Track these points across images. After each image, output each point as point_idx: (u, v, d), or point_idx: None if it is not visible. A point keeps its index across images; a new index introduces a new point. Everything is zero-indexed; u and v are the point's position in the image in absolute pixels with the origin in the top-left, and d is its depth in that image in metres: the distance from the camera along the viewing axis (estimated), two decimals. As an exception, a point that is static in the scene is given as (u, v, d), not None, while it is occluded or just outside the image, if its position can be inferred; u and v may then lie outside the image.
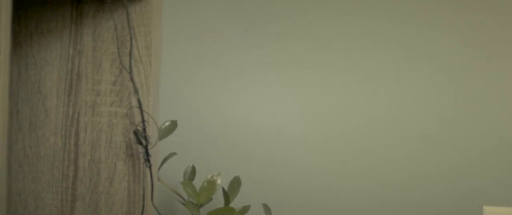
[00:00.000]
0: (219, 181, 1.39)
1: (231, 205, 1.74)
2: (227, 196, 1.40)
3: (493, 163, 1.84)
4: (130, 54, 1.24)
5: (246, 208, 1.43)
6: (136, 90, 1.34)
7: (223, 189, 1.39)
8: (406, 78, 1.87)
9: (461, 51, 1.86)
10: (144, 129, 1.32)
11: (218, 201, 1.74)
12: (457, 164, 1.86)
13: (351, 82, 1.87)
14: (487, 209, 1.86)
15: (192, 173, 1.45)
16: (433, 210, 1.86)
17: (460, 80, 1.87)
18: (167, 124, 1.39)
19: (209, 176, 1.39)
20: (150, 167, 1.33)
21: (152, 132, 1.39)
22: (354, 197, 1.87)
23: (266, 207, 1.51)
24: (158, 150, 1.50)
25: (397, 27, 1.88)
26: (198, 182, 1.72)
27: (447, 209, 1.86)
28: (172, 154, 1.40)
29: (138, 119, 1.39)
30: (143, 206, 1.36)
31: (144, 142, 1.32)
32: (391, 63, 1.86)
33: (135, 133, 1.32)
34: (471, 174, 1.86)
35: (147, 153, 1.32)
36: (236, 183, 1.45)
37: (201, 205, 1.36)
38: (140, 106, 1.30)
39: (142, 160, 1.38)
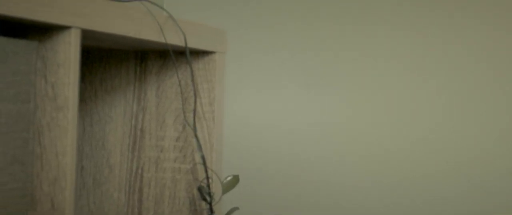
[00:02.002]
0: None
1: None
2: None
3: None
4: (194, 110, 1.24)
5: None
6: (199, 147, 1.34)
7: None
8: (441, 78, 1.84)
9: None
10: (208, 185, 1.31)
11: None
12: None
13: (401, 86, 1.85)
14: None
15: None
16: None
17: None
18: (229, 178, 1.39)
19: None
20: (213, 223, 1.32)
21: (215, 188, 1.39)
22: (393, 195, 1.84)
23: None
24: (220, 204, 1.49)
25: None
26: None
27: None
28: (234, 209, 1.39)
29: (201, 174, 1.38)
30: (206, 263, 1.34)
31: (208, 198, 1.31)
32: (429, 62, 1.83)
33: (199, 189, 1.32)
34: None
35: (211, 210, 1.31)
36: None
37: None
38: (204, 162, 1.30)
39: (205, 216, 1.37)
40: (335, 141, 1.96)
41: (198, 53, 1.38)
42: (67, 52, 0.86)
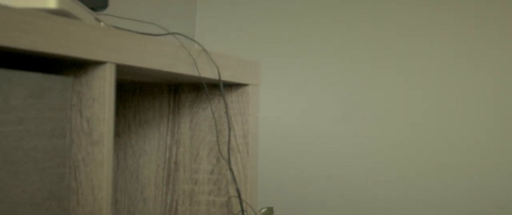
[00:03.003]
0: None
1: None
2: None
3: None
4: (228, 143, 1.24)
5: None
6: (234, 179, 1.34)
7: None
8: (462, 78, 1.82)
9: None
10: (242, 218, 1.30)
11: None
12: None
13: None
14: None
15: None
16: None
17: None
18: (264, 210, 1.38)
19: None
20: (248, 257, 1.30)
21: (250, 221, 1.38)
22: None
23: None
24: (255, 239, 1.47)
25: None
26: None
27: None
28: (270, 243, 1.38)
29: (236, 207, 1.38)
30: None
31: (242, 231, 1.30)
32: (451, 65, 1.81)
33: (234, 222, 1.31)
34: None
35: (245, 243, 1.30)
36: None
37: None
38: (238, 195, 1.29)
39: (240, 250, 1.36)
40: (372, 172, 1.94)
41: (231, 86, 1.38)
42: (102, 87, 0.86)
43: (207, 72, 1.16)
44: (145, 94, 1.46)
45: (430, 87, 1.90)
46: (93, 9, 1.16)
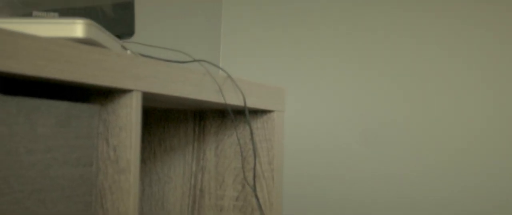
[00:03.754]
0: None
1: None
2: None
3: None
4: (254, 169, 1.23)
5: None
6: (259, 206, 1.33)
7: None
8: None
9: None
10: (268, 246, 1.29)
11: None
12: None
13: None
14: None
15: None
16: None
17: None
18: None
19: None
20: None
21: (276, 248, 1.37)
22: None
23: None
24: None
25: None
26: None
27: None
28: None
29: (261, 235, 1.37)
30: None
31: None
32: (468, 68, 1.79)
33: (259, 249, 1.30)
34: None
35: None
36: None
37: None
38: (264, 222, 1.28)
39: None
40: (398, 194, 1.92)
41: (257, 112, 1.38)
42: (129, 115, 0.86)
43: (232, 99, 1.16)
44: (170, 121, 1.46)
45: (451, 108, 1.88)
46: (120, 36, 1.17)
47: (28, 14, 1.08)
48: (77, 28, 0.80)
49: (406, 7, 1.95)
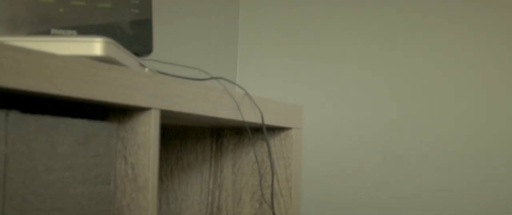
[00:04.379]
0: None
1: None
2: None
3: None
4: (272, 187, 1.23)
5: None
6: (277, 224, 1.32)
7: None
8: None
9: None
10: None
11: None
12: None
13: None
14: None
15: None
16: None
17: None
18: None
19: None
20: None
21: None
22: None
23: None
24: None
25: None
26: None
27: None
28: None
29: (279, 253, 1.36)
30: None
31: None
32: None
33: None
34: None
35: None
36: None
37: None
38: (282, 240, 1.28)
39: None
40: (414, 215, 1.91)
41: (274, 129, 1.37)
42: (147, 133, 0.86)
43: (250, 116, 1.16)
44: (188, 138, 1.46)
45: (475, 128, 1.87)
46: (137, 54, 1.17)
47: (47, 32, 1.08)
48: (96, 46, 0.80)
49: (432, 24, 1.94)
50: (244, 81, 2.10)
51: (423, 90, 1.93)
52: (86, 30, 1.11)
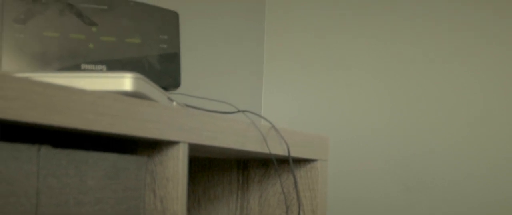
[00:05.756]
0: None
1: None
2: None
3: None
4: (298, 219, 1.23)
5: None
6: (304, 256, 1.32)
7: None
8: None
9: None
10: None
11: None
12: None
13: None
14: None
15: None
16: None
17: None
18: None
19: None
20: None
21: None
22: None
23: None
24: None
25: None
26: None
27: None
28: None
29: None
30: None
31: None
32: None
33: None
34: None
35: None
36: None
37: None
38: None
39: None
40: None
41: (300, 161, 1.38)
42: (175, 167, 0.87)
43: (276, 149, 1.17)
44: (214, 170, 1.47)
45: (506, 155, 1.86)
46: (165, 88, 1.18)
47: (77, 66, 1.10)
48: (126, 82, 0.81)
49: (456, 62, 1.94)
50: (269, 112, 2.11)
51: (444, 121, 1.93)
52: (115, 64, 1.13)
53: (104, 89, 0.82)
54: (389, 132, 1.99)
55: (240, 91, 2.04)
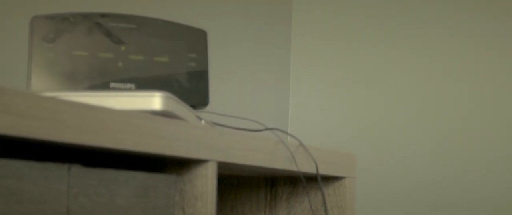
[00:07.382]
0: None
1: None
2: None
3: None
4: (327, 237, 1.22)
5: None
6: None
7: None
8: None
9: None
10: None
11: None
12: None
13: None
14: None
15: None
16: None
17: None
18: None
19: None
20: None
21: None
22: None
23: None
24: None
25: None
26: None
27: None
28: None
29: None
30: None
31: None
32: None
33: None
34: None
35: None
36: None
37: None
38: None
39: None
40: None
41: (328, 179, 1.37)
42: (204, 185, 0.87)
43: (304, 166, 1.17)
44: (242, 187, 1.46)
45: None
46: (194, 106, 1.19)
47: (106, 85, 1.11)
48: (155, 101, 0.82)
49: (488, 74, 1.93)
50: (296, 130, 2.11)
51: (475, 140, 1.91)
52: (144, 83, 1.13)
53: (134, 108, 0.82)
54: (418, 149, 1.97)
55: (267, 108, 2.04)
